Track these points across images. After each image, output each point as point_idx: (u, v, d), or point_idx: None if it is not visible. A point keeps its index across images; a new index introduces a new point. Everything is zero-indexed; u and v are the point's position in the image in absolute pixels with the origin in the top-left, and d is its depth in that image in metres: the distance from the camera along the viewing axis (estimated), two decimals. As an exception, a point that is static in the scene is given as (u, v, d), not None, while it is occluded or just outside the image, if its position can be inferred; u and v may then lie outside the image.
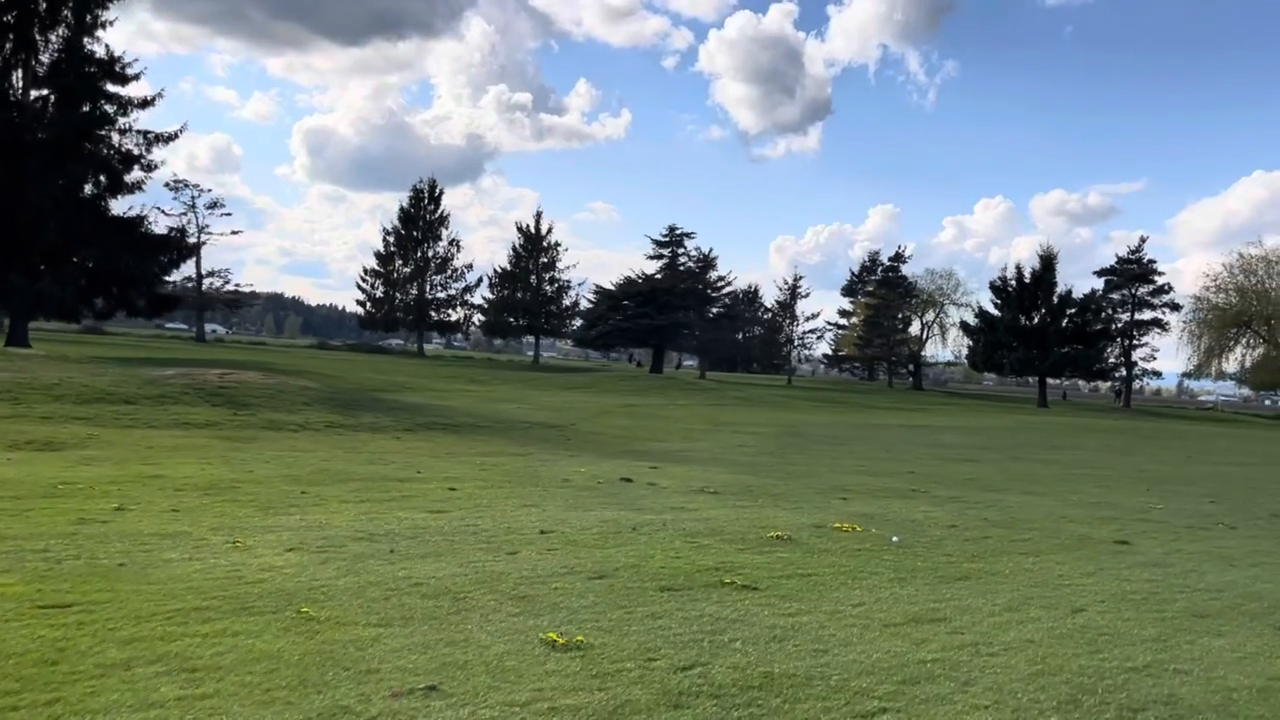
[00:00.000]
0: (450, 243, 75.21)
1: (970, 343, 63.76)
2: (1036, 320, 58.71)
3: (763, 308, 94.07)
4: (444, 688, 3.97)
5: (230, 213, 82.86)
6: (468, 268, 75.07)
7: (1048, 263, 59.01)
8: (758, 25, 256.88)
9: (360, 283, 74.94)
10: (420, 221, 75.19)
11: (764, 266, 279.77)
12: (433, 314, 75.32)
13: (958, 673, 4.63)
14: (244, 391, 17.39)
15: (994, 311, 61.09)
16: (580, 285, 70.47)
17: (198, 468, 10.60)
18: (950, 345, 73.62)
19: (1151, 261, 66.46)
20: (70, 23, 34.54)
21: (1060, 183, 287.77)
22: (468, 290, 74.64)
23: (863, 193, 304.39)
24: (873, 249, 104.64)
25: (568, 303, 71.54)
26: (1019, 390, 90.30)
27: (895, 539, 8.56)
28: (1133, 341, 66.41)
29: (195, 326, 71.15)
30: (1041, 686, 4.50)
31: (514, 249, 72.10)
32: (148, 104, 38.16)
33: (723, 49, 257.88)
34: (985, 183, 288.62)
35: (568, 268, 73.77)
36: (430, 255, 75.33)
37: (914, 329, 78.12)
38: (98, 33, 35.79)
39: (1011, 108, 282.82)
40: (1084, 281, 65.25)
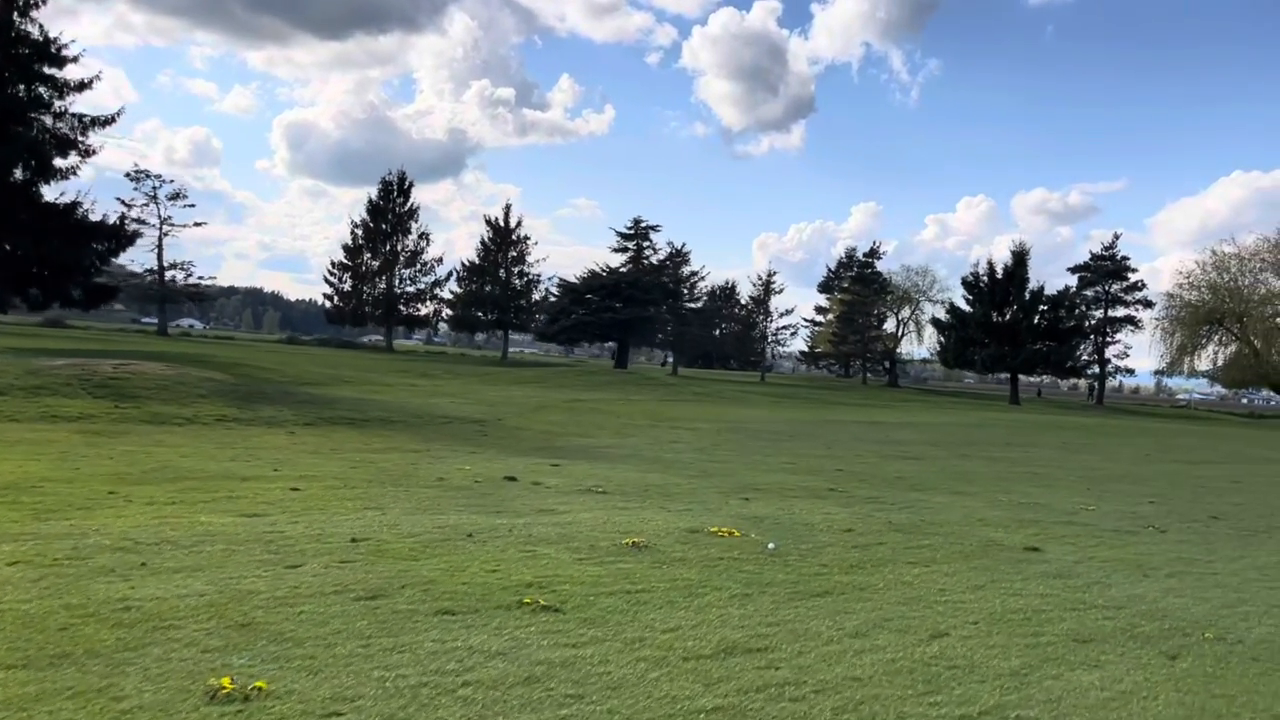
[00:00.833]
0: (420, 236, 73.78)
1: (942, 339, 63.01)
2: (1008, 316, 57.96)
3: (739, 304, 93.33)
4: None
5: (194, 204, 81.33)
6: (438, 261, 73.70)
7: (1020, 258, 58.32)
8: (741, 22, 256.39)
9: (328, 276, 73.43)
10: (389, 214, 73.70)
11: (747, 263, 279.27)
12: (402, 308, 73.89)
13: (731, 728, 3.65)
14: (135, 383, 16.23)
15: (966, 307, 60.36)
16: (550, 279, 68.96)
17: (18, 464, 9.49)
18: (926, 342, 73.05)
19: (1125, 258, 66.00)
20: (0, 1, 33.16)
21: (1042, 181, 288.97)
22: (437, 284, 73.34)
23: (846, 190, 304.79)
24: (852, 246, 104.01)
25: (537, 297, 70.29)
26: (997, 388, 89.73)
27: (771, 545, 7.59)
28: (1106, 339, 65.89)
29: (157, 319, 69.42)
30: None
31: (482, 242, 70.76)
32: (84, 87, 36.82)
33: (706, 45, 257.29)
34: (967, 181, 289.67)
35: (537, 261, 72.39)
36: (399, 248, 73.93)
37: (889, 326, 77.62)
38: (32, 13, 34.48)
39: (994, 107, 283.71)
40: (1063, 280, 64.89)
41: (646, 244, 64.26)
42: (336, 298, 73.58)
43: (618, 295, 57.56)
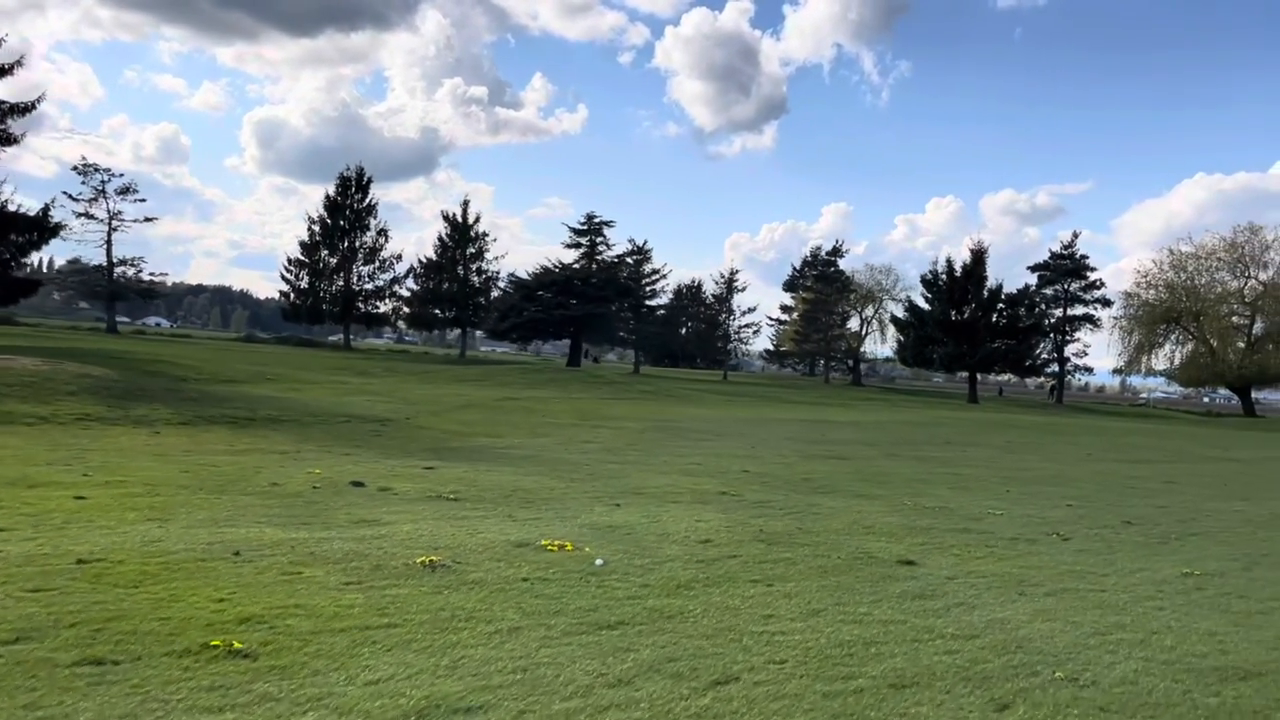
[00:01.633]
0: (379, 233, 72.19)
1: (901, 338, 62.55)
2: (967, 315, 57.53)
3: (704, 303, 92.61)
4: None
5: (145, 199, 78.73)
6: (396, 258, 72.19)
7: (978, 256, 57.88)
8: (714, 23, 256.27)
9: (284, 273, 71.66)
10: (348, 210, 72.08)
11: (720, 263, 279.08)
12: (360, 305, 72.29)
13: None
14: (-6, 380, 14.99)
15: (925, 306, 59.91)
16: (510, 276, 67.64)
17: None
18: (889, 341, 72.69)
19: (1084, 257, 65.80)
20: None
21: (1010, 182, 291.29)
22: (395, 282, 71.83)
23: (817, 191, 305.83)
24: (818, 245, 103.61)
25: (496, 294, 68.98)
26: (962, 387, 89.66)
27: (599, 562, 6.62)
28: (1065, 337, 65.77)
29: (106, 316, 67.29)
30: None
31: (440, 239, 69.43)
32: (5, 73, 35.29)
33: (679, 46, 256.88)
34: (937, 182, 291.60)
35: (497, 259, 70.95)
36: (358, 245, 72.32)
37: (853, 325, 77.20)
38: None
39: (963, 108, 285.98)
40: (1027, 280, 64.38)
41: (600, 239, 63.03)
42: (294, 295, 71.81)
43: (570, 292, 56.35)
